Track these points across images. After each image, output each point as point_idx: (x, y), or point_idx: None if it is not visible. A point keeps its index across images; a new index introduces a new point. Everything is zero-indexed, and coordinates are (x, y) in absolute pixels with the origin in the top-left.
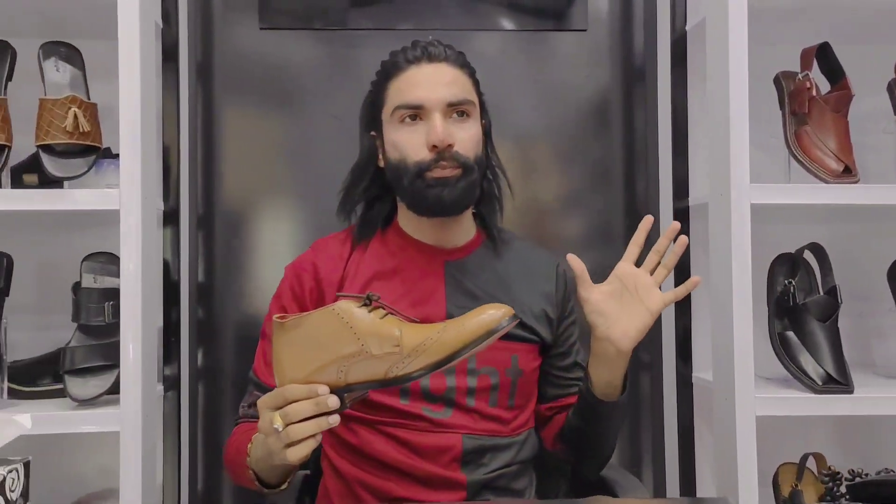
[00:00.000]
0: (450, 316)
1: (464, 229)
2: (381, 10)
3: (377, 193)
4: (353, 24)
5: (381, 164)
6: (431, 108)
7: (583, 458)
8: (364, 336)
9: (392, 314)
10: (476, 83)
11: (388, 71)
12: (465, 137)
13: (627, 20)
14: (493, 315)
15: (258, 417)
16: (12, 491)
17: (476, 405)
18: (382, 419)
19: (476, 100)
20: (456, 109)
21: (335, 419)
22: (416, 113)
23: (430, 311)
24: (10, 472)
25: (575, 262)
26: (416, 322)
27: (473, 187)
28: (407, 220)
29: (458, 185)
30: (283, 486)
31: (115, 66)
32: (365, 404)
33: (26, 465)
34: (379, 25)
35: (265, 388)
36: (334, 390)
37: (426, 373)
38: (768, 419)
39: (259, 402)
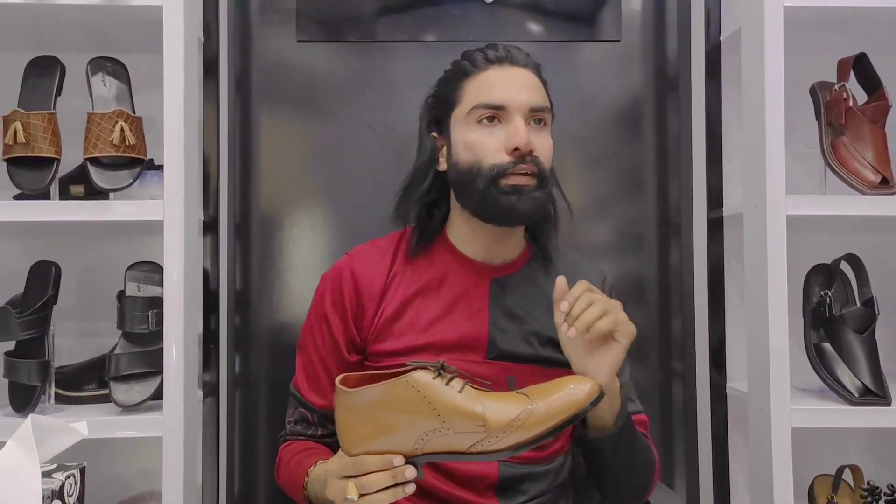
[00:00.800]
0: (491, 338)
1: (515, 243)
2: (413, 22)
3: (435, 198)
4: (387, 36)
5: (441, 167)
6: (514, 111)
7: (607, 494)
8: (445, 414)
9: (468, 383)
10: (548, 93)
11: (465, 70)
12: (544, 146)
13: (661, 30)
14: (580, 393)
15: (304, 435)
16: (70, 496)
17: None
18: None
19: (551, 112)
20: (535, 116)
21: (411, 488)
22: (495, 114)
23: (472, 331)
24: (69, 477)
25: (558, 284)
26: (490, 388)
27: (547, 199)
28: (459, 231)
29: (533, 195)
30: None
31: (159, 77)
32: None
33: (82, 471)
34: (411, 37)
35: (308, 405)
36: (409, 459)
37: (512, 453)
38: (804, 430)
39: (328, 468)
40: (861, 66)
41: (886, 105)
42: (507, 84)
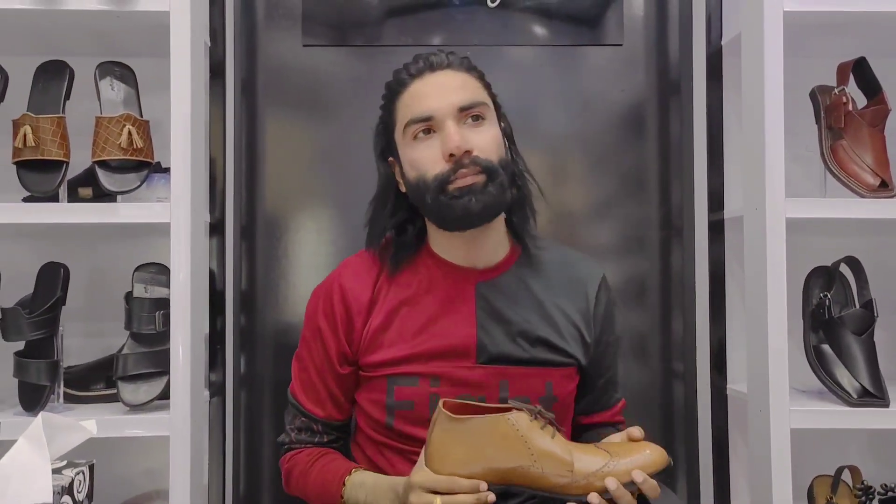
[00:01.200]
0: (479, 342)
1: (497, 244)
2: (418, 26)
3: (405, 217)
4: (392, 40)
5: (403, 188)
6: (443, 117)
7: None
8: (539, 456)
9: (558, 430)
10: (487, 85)
11: (394, 89)
12: (484, 141)
13: (663, 34)
14: (655, 459)
15: (311, 443)
16: (79, 492)
17: None
18: (409, 447)
19: (490, 101)
20: (469, 114)
21: None
22: (428, 126)
23: (460, 337)
24: (78, 474)
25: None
26: (562, 431)
27: (502, 191)
28: (437, 240)
29: (486, 190)
30: None
31: (166, 81)
32: (400, 435)
33: (91, 468)
34: (416, 41)
35: (308, 415)
36: (491, 486)
37: (585, 499)
38: (804, 431)
39: (419, 480)
40: (861, 71)
41: (885, 109)
42: (430, 93)
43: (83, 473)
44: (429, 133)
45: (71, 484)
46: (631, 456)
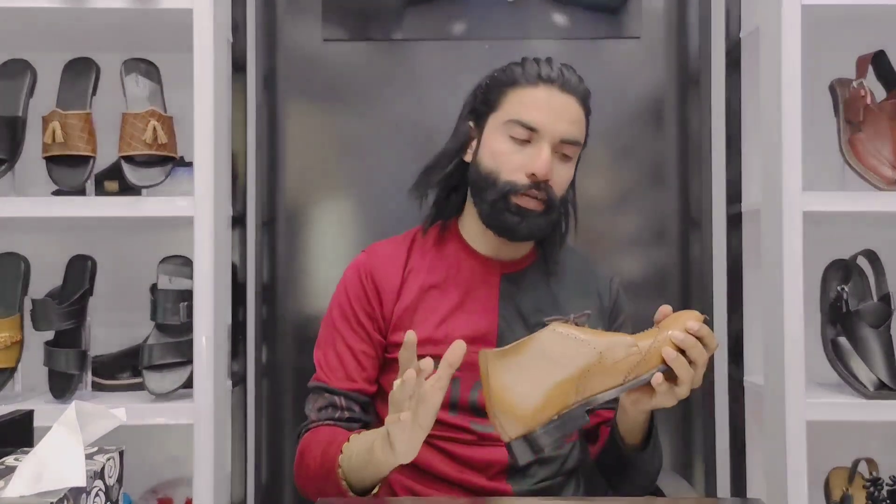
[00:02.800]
0: (500, 333)
1: (522, 248)
2: (437, 20)
3: (455, 184)
4: (411, 34)
5: (467, 158)
6: (544, 137)
7: (617, 488)
8: (601, 345)
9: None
10: (588, 123)
11: (515, 78)
12: (562, 178)
13: (682, 27)
14: (695, 317)
15: (332, 419)
16: (110, 477)
17: None
18: (431, 433)
19: (582, 139)
20: (564, 150)
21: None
22: (527, 136)
23: (483, 325)
24: (109, 459)
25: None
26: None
27: (550, 224)
28: (470, 227)
29: (538, 220)
30: (375, 490)
31: (189, 75)
32: None
33: (121, 454)
34: (435, 35)
35: (335, 391)
36: (573, 411)
37: (662, 369)
38: (822, 424)
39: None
40: (880, 63)
41: None
42: (548, 108)
43: (114, 459)
44: (524, 139)
45: (102, 469)
46: (676, 324)
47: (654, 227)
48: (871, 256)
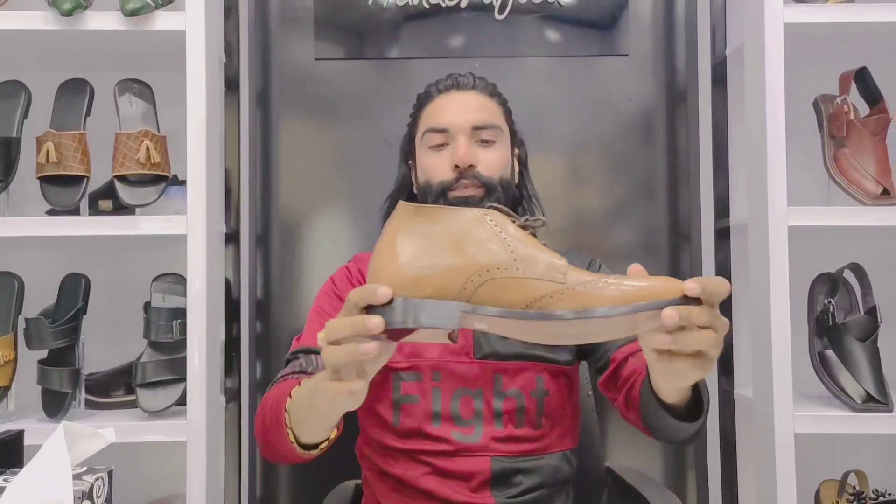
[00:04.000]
0: (475, 338)
1: None
2: (429, 39)
3: None
4: (403, 53)
5: (416, 190)
6: (456, 132)
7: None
8: (520, 254)
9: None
10: (507, 112)
11: (422, 101)
12: (489, 159)
13: (669, 45)
14: (665, 287)
15: (305, 372)
16: (98, 497)
17: (504, 427)
18: (413, 447)
19: (504, 127)
20: (481, 134)
21: (371, 346)
22: (444, 139)
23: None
24: (97, 479)
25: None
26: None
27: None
28: None
29: (481, 204)
30: (321, 446)
31: (182, 94)
32: (406, 433)
33: (110, 474)
34: (427, 54)
35: (310, 349)
36: (448, 304)
37: (576, 318)
38: (812, 437)
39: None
40: (862, 80)
41: (887, 118)
42: (450, 109)
43: (102, 479)
44: (442, 146)
45: (91, 489)
46: (634, 280)
47: (644, 241)
48: (858, 270)
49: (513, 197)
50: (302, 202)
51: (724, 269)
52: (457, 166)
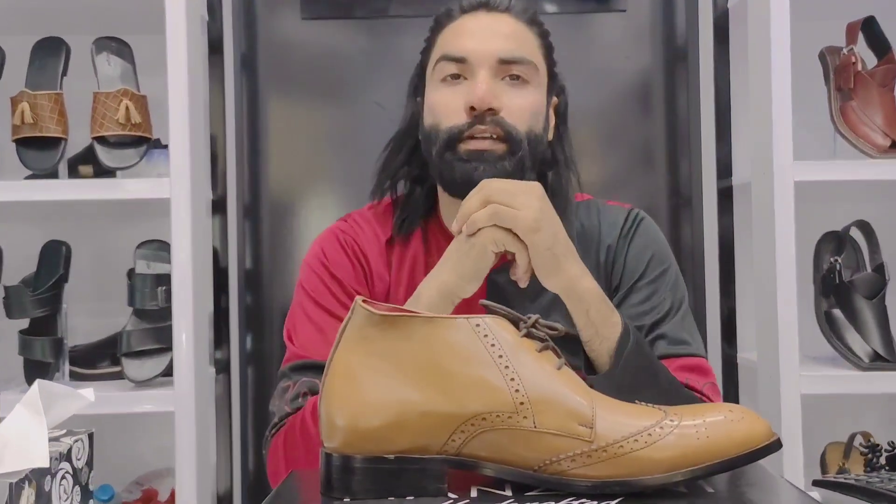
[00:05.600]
0: None
1: None
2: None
3: (418, 173)
4: (394, 11)
5: (421, 135)
6: (478, 63)
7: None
8: (528, 393)
9: (565, 362)
10: (548, 48)
11: (440, 21)
12: (516, 104)
13: None
14: (753, 428)
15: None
16: (78, 459)
17: None
18: None
19: (542, 65)
20: (510, 70)
21: None
22: (460, 70)
23: None
24: (77, 441)
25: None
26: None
27: (520, 169)
28: (447, 209)
29: (500, 163)
30: None
31: (164, 60)
32: None
33: (90, 436)
34: (419, 13)
35: (319, 364)
36: (435, 459)
37: (621, 494)
38: (817, 399)
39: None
40: (870, 30)
41: (895, 68)
42: (475, 33)
43: (82, 441)
44: (458, 78)
45: (69, 451)
46: (704, 415)
47: (644, 205)
48: (865, 227)
49: (542, 159)
50: (292, 170)
51: (726, 232)
52: (473, 108)
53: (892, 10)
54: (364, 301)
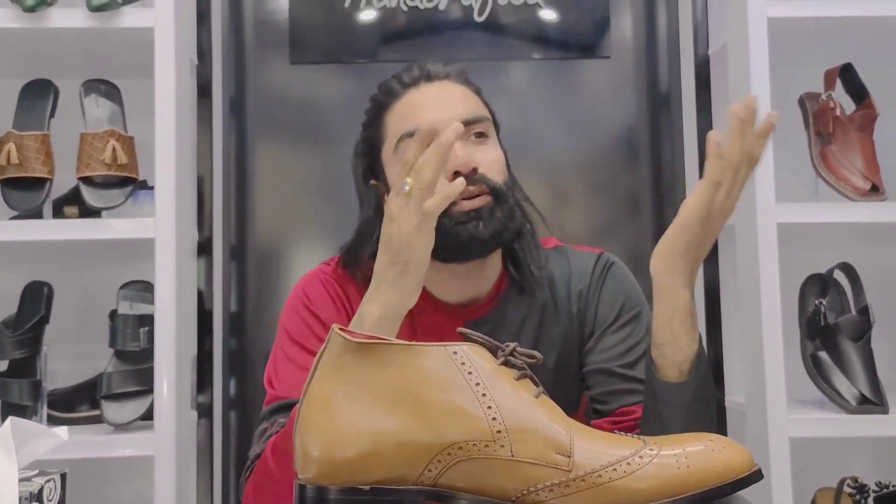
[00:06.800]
0: None
1: (489, 275)
2: (407, 44)
3: None
4: (382, 57)
5: None
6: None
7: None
8: (505, 421)
9: (543, 391)
10: (487, 103)
11: (382, 102)
12: (490, 159)
13: (651, 46)
14: (733, 457)
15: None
16: (49, 500)
17: None
18: None
19: (492, 119)
20: (473, 129)
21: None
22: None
23: None
24: (48, 481)
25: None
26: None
27: (511, 217)
28: (433, 275)
29: (494, 215)
30: None
31: (153, 102)
32: None
33: (63, 477)
34: (407, 58)
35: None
36: (411, 490)
37: None
38: (806, 443)
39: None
40: (847, 76)
41: (873, 113)
42: (429, 104)
43: (54, 481)
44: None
45: (40, 491)
46: (686, 445)
47: (630, 252)
48: (848, 270)
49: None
50: (278, 212)
51: (712, 275)
52: (457, 172)
53: (868, 57)
54: (341, 329)
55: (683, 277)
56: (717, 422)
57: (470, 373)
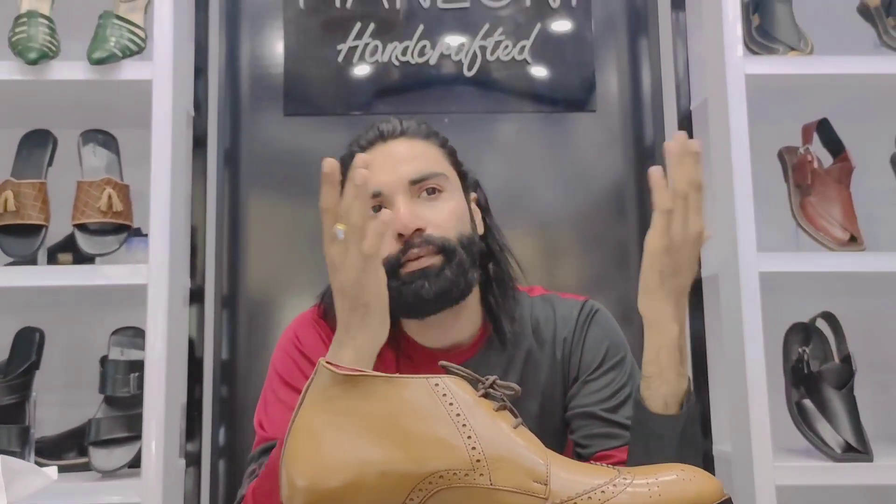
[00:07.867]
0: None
1: (466, 322)
2: (398, 96)
3: None
4: (374, 109)
5: None
6: (392, 192)
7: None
8: (487, 452)
9: (522, 422)
10: (451, 153)
11: (346, 164)
12: (440, 216)
13: (636, 101)
14: (702, 486)
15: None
16: None
17: None
18: None
19: (451, 171)
20: (423, 187)
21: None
22: (378, 202)
23: None
24: None
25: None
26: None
27: (461, 273)
28: (405, 321)
29: (442, 273)
30: None
31: (149, 152)
32: None
33: None
34: (401, 110)
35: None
36: None
37: None
38: (794, 491)
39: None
40: (824, 131)
41: (850, 166)
42: (378, 166)
43: None
44: (378, 210)
45: None
46: (659, 475)
47: (618, 303)
48: (830, 318)
49: (480, 252)
50: (270, 262)
51: (697, 325)
52: (400, 234)
53: (843, 112)
54: (328, 362)
55: (669, 308)
56: (702, 464)
57: (451, 404)
